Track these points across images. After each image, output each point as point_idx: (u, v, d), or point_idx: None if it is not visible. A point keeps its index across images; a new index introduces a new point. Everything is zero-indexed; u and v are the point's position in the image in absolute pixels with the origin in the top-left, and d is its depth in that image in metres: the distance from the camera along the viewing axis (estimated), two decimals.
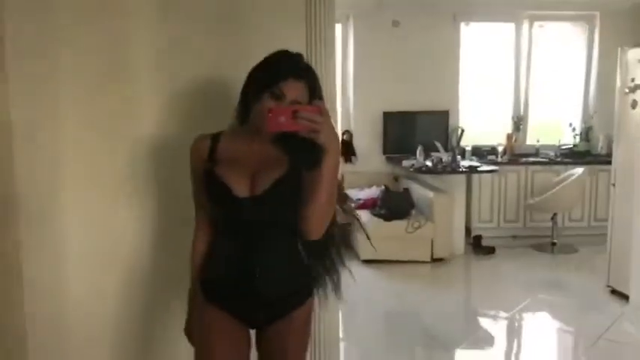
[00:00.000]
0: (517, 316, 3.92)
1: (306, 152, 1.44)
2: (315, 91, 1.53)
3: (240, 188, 1.52)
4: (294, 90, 1.48)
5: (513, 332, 3.79)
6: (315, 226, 1.53)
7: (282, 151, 1.54)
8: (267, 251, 1.57)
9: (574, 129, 6.16)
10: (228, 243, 1.60)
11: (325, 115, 1.38)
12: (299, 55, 1.57)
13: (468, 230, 5.59)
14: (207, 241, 1.68)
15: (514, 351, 3.55)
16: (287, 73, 1.49)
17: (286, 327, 1.63)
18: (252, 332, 1.71)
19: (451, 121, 6.03)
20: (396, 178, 5.78)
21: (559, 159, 5.91)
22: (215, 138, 1.60)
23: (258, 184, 1.52)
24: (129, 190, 2.11)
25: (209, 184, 1.56)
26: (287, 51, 1.56)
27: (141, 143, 2.10)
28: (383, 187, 5.26)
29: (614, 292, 4.11)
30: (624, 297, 3.91)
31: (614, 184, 4.13)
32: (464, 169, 5.17)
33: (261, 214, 1.53)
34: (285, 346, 1.65)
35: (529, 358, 3.39)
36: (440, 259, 5.03)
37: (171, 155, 2.09)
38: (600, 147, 6.01)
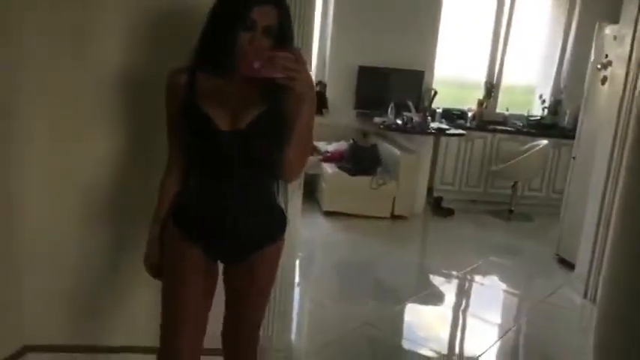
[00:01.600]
0: (467, 276, 4.06)
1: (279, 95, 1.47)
2: (284, 14, 1.51)
3: (222, 122, 1.51)
4: (263, 15, 1.46)
5: (462, 291, 3.93)
6: (290, 171, 1.58)
7: (263, 88, 1.51)
8: (244, 188, 1.57)
9: (543, 101, 6.25)
10: (205, 179, 1.59)
11: (302, 62, 1.36)
12: None
13: (429, 191, 5.69)
14: (179, 180, 1.67)
15: (461, 308, 3.68)
16: (252, 0, 1.46)
17: (256, 261, 1.65)
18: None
19: (425, 82, 6.03)
20: (364, 134, 5.79)
21: (526, 129, 6.01)
22: (191, 71, 1.56)
23: (240, 118, 1.51)
24: (97, 115, 2.07)
25: (189, 117, 1.53)
26: None
27: (107, 67, 2.05)
28: (351, 142, 5.28)
29: (562, 260, 4.29)
30: (571, 266, 4.08)
31: (574, 157, 4.24)
32: (432, 131, 5.21)
33: (241, 149, 1.52)
34: (253, 279, 1.68)
35: (475, 315, 3.53)
36: (400, 217, 5.12)
37: (139, 83, 2.05)
38: (567, 121, 6.12)
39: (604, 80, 3.87)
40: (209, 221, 1.58)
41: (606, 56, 3.89)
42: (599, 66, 3.96)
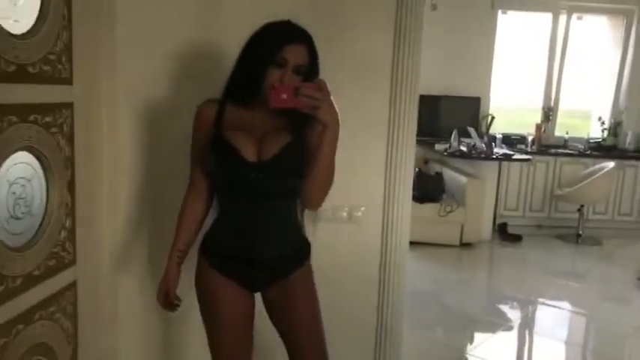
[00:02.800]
0: (539, 303, 4.01)
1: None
2: (314, 53, 1.57)
3: (249, 153, 1.55)
4: (295, 54, 1.53)
5: (534, 318, 3.86)
6: (315, 198, 1.61)
7: (287, 121, 1.57)
8: (270, 216, 1.61)
9: (603, 123, 6.20)
10: (231, 209, 1.63)
11: (325, 91, 1.44)
12: (290, 21, 1.59)
13: (494, 217, 5.67)
14: (201, 206, 1.72)
15: (532, 336, 3.61)
16: (286, 39, 1.53)
17: (291, 294, 1.68)
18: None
19: (482, 108, 6.07)
20: (426, 162, 5.83)
21: (588, 152, 5.95)
22: (221, 104, 1.63)
23: (265, 150, 1.56)
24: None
25: (217, 148, 1.57)
26: (278, 21, 1.58)
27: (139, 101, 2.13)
28: (417, 170, 5.32)
29: None
30: None
31: None
32: (498, 157, 5.22)
33: (267, 180, 1.56)
34: (295, 313, 1.69)
35: (549, 344, 3.47)
36: (468, 244, 5.11)
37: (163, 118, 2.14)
38: (628, 143, 6.06)
39: None
40: (236, 249, 1.62)
41: None
42: None
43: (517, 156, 5.35)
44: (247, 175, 1.55)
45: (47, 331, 1.73)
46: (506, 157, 5.26)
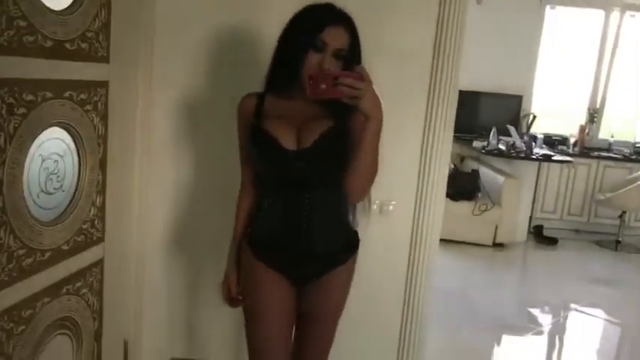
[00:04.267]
0: (572, 309, 3.89)
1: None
2: (355, 36, 1.51)
3: (288, 142, 1.52)
4: (334, 37, 1.47)
5: (565, 324, 3.75)
6: (357, 190, 1.55)
7: (328, 108, 1.53)
8: (315, 206, 1.56)
9: None
10: (275, 200, 1.59)
11: (367, 81, 1.35)
12: (330, 3, 1.53)
13: (529, 219, 5.53)
14: (252, 200, 1.70)
15: (563, 343, 3.50)
16: (325, 21, 1.47)
17: (330, 283, 1.65)
18: None
19: (523, 106, 5.90)
20: (462, 159, 5.72)
21: (633, 156, 5.74)
22: (261, 96, 1.60)
23: (305, 137, 1.52)
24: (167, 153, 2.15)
25: (257, 139, 1.55)
26: (318, 3, 1.52)
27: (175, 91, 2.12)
28: (452, 166, 5.22)
29: None
30: None
31: None
32: (538, 157, 5.07)
33: (308, 168, 1.52)
34: (328, 300, 1.68)
35: (579, 352, 3.37)
36: (501, 244, 5.00)
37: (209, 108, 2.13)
38: None
39: None
40: (282, 241, 1.59)
41: None
42: None
43: (557, 157, 5.19)
44: (287, 163, 1.52)
45: (73, 305, 1.75)
46: (546, 158, 5.11)
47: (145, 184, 2.07)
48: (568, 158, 5.30)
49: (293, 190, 1.56)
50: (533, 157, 5.05)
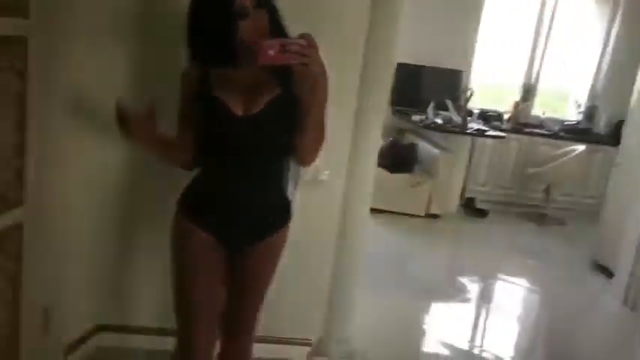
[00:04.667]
0: (498, 278, 4.10)
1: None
2: None
3: (235, 107, 1.54)
4: None
5: (491, 293, 3.96)
6: (306, 154, 1.62)
7: (274, 75, 1.54)
8: (255, 174, 1.61)
9: (579, 106, 6.24)
10: (217, 165, 1.62)
11: (314, 47, 1.39)
12: None
13: (462, 191, 5.72)
14: (189, 157, 1.67)
15: (489, 309, 3.71)
16: None
17: (263, 250, 1.69)
18: None
19: (463, 82, 6.03)
20: (401, 132, 5.82)
21: (561, 134, 6.00)
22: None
23: (253, 104, 1.54)
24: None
25: (204, 103, 1.55)
26: None
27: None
28: (391, 139, 5.31)
29: (599, 267, 4.31)
30: (608, 273, 4.10)
31: (618, 164, 4.25)
32: (472, 132, 5.22)
33: (255, 135, 1.55)
34: (260, 267, 1.72)
35: (503, 319, 3.57)
36: (434, 215, 5.16)
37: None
38: (601, 127, 6.11)
39: None
40: (220, 206, 1.62)
41: None
42: None
43: (491, 132, 5.36)
44: (234, 128, 1.53)
45: None
46: (480, 133, 5.27)
47: (67, 145, 2.00)
48: (500, 133, 5.49)
49: (236, 156, 1.57)
50: (468, 131, 5.19)
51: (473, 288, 3.93)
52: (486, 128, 5.46)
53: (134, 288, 2.39)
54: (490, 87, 6.48)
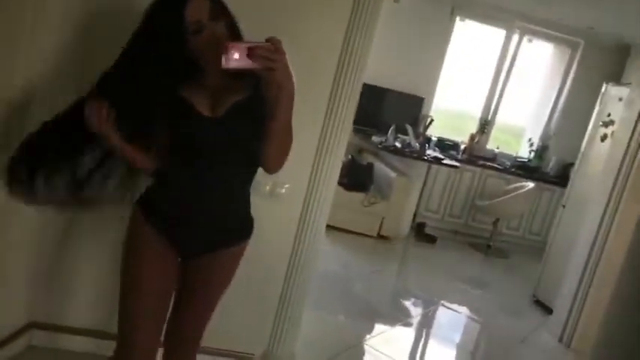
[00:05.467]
0: (440, 304, 4.16)
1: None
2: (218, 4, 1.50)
3: (202, 108, 1.51)
4: (198, 9, 1.45)
5: (433, 318, 4.00)
6: (271, 163, 1.55)
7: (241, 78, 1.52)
8: (220, 181, 1.56)
9: (532, 144, 6.47)
10: (180, 167, 1.57)
11: (281, 52, 1.34)
12: None
13: (414, 216, 5.80)
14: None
15: (428, 335, 3.75)
16: (179, 3, 1.45)
17: (218, 262, 1.64)
18: None
19: (424, 108, 6.16)
20: (360, 151, 5.87)
21: (513, 169, 6.19)
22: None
23: (219, 105, 1.52)
24: None
25: (170, 102, 1.52)
26: None
27: None
28: (350, 157, 5.34)
29: (537, 302, 4.44)
30: (546, 308, 4.23)
31: (564, 206, 4.41)
32: (429, 159, 5.32)
33: (221, 137, 1.51)
34: (211, 279, 1.67)
35: (442, 344, 3.63)
36: (385, 237, 5.21)
37: None
38: (550, 167, 6.35)
39: (604, 137, 4.06)
40: (177, 209, 1.57)
41: (609, 115, 4.07)
42: (601, 123, 4.14)
43: (447, 161, 5.48)
44: (200, 129, 1.50)
45: None
46: (437, 161, 5.38)
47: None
48: (455, 163, 5.62)
49: (200, 158, 1.53)
50: (425, 158, 5.29)
51: (415, 312, 3.97)
52: (442, 156, 5.58)
53: (73, 286, 2.29)
54: (449, 116, 6.65)
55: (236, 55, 1.32)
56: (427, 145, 5.65)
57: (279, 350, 2.45)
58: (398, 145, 5.31)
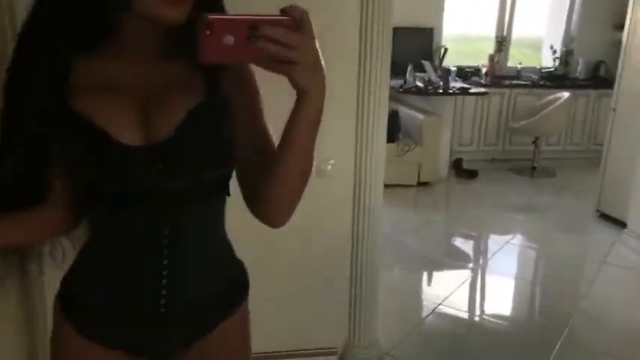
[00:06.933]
0: (498, 240, 3.94)
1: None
2: None
3: (126, 132, 0.86)
4: None
5: (487, 256, 3.80)
6: (283, 210, 0.93)
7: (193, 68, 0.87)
8: (180, 240, 0.93)
9: (554, 52, 6.06)
10: (108, 235, 0.96)
11: (307, 33, 0.74)
12: None
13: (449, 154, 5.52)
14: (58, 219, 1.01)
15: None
16: None
17: (216, 346, 1.03)
18: None
19: (435, 39, 5.77)
20: None
21: (541, 82, 5.82)
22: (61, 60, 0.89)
23: (159, 122, 0.87)
24: None
25: (68, 130, 0.86)
26: None
27: None
28: None
29: (604, 216, 4.16)
30: (616, 222, 3.96)
31: (614, 109, 4.07)
32: (455, 91, 4.98)
33: (167, 177, 0.88)
34: None
35: (504, 282, 3.43)
36: (425, 183, 4.95)
37: None
38: (579, 71, 5.96)
39: None
40: (126, 304, 0.96)
41: None
42: None
43: (474, 89, 5.14)
44: (130, 170, 0.87)
45: None
46: (464, 92, 5.04)
47: None
48: (484, 90, 5.28)
49: (141, 215, 0.91)
50: (451, 91, 4.95)
51: (469, 253, 3.80)
52: (468, 86, 5.23)
53: None
54: (462, 42, 6.25)
55: (227, 39, 0.71)
56: (448, 77, 5.29)
57: (361, 338, 2.24)
58: (419, 84, 4.97)
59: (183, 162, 0.88)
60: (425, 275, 3.46)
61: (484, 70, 5.84)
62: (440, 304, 2.95)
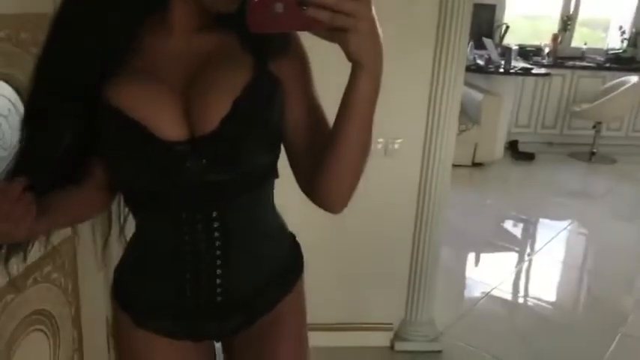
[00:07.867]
0: (547, 225, 3.89)
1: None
2: None
3: (167, 125, 0.82)
4: None
5: (538, 240, 3.74)
6: (342, 194, 0.87)
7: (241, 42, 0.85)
8: (231, 231, 0.92)
9: (623, 32, 5.79)
10: (156, 229, 0.95)
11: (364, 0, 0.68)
12: None
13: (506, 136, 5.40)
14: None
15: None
16: None
17: (271, 331, 1.03)
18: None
19: (496, 17, 5.60)
20: None
21: (607, 65, 5.59)
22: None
23: (201, 115, 0.83)
24: None
25: (105, 124, 0.84)
26: None
27: None
28: None
29: None
30: None
31: None
32: (517, 71, 4.84)
33: (212, 171, 0.85)
34: (278, 354, 1.04)
35: (556, 267, 3.36)
36: (480, 164, 4.86)
37: None
38: None
39: None
40: (179, 296, 0.96)
41: None
42: None
43: (536, 70, 4.97)
44: (173, 167, 0.84)
45: (44, 295, 1.44)
46: (526, 72, 4.88)
47: None
48: (546, 71, 5.10)
49: (187, 209, 0.90)
50: (512, 71, 4.81)
51: (521, 236, 3.78)
52: (531, 66, 5.07)
53: None
54: (524, 20, 6.04)
55: (277, 7, 0.68)
56: (510, 56, 5.14)
57: (417, 317, 2.25)
58: (480, 62, 4.84)
59: (229, 156, 0.85)
60: (478, 257, 3.44)
61: (546, 49, 5.65)
62: (495, 288, 2.93)
